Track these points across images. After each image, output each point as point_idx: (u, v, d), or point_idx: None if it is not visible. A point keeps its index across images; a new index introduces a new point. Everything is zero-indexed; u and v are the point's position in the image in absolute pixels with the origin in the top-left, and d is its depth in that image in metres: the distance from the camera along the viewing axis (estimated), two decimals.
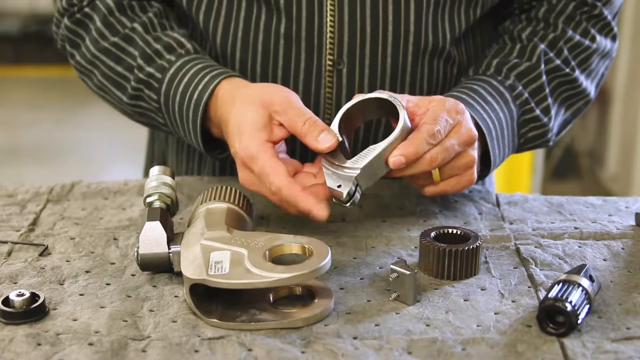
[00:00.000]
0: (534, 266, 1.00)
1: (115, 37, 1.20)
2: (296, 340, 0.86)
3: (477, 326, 0.88)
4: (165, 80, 1.16)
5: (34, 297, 0.89)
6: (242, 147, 1.03)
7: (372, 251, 1.05)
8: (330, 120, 1.17)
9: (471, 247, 0.97)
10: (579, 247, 1.05)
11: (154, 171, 1.04)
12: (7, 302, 0.88)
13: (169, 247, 0.96)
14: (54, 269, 0.99)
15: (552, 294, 0.86)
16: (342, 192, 0.98)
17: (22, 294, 0.88)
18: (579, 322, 0.86)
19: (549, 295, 0.87)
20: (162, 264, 0.96)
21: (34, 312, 0.88)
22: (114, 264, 1.01)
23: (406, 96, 1.05)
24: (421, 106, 1.04)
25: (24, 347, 0.83)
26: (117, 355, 0.83)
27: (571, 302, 0.85)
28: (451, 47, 1.22)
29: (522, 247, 1.05)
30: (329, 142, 1.00)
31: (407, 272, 0.91)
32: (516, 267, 1.00)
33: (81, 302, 0.92)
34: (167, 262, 0.96)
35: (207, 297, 0.91)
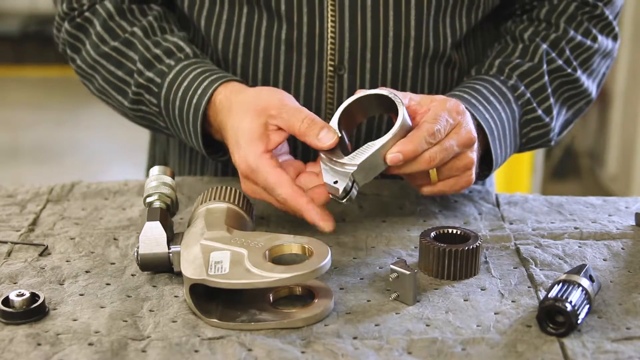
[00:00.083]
0: (534, 266, 1.00)
1: (115, 42, 1.20)
2: (296, 340, 0.85)
3: (477, 326, 0.88)
4: (165, 84, 1.16)
5: (34, 297, 0.89)
6: (241, 160, 1.03)
7: (372, 251, 1.05)
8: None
9: (471, 247, 0.97)
10: (579, 247, 1.05)
11: (154, 171, 1.04)
12: (7, 302, 0.88)
13: (169, 247, 0.96)
14: (54, 269, 0.99)
15: (552, 294, 0.86)
16: (339, 188, 0.98)
17: (22, 294, 0.88)
18: (579, 322, 0.86)
19: (549, 295, 0.87)
20: (162, 264, 0.96)
21: (34, 312, 0.88)
22: (114, 264, 1.01)
23: (408, 94, 1.05)
24: (423, 104, 1.04)
25: (24, 347, 0.83)
26: (117, 355, 0.83)
27: (571, 302, 0.85)
28: (452, 51, 1.22)
29: (522, 247, 1.05)
30: (330, 140, 1.00)
31: (407, 272, 0.91)
32: (516, 267, 1.00)
33: (81, 302, 0.92)
34: (167, 262, 0.96)
35: (207, 297, 0.91)
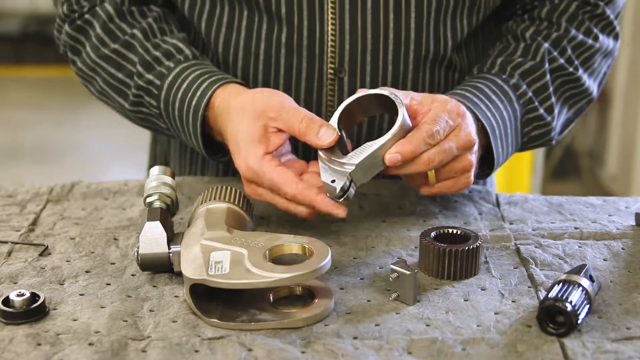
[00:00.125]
0: (534, 266, 1.00)
1: (115, 44, 1.20)
2: (296, 340, 0.85)
3: (477, 326, 0.88)
4: (164, 87, 1.16)
5: (34, 297, 0.89)
6: (243, 163, 1.03)
7: (372, 251, 1.05)
8: None
9: (471, 247, 0.97)
10: (579, 247, 1.05)
11: (154, 171, 1.04)
12: (7, 302, 0.88)
13: (169, 247, 0.96)
14: (54, 269, 0.99)
15: (552, 294, 0.86)
16: (336, 187, 0.98)
17: (22, 294, 0.88)
18: (579, 322, 0.86)
19: (549, 295, 0.86)
20: (162, 264, 0.96)
21: (34, 312, 0.88)
22: (114, 264, 1.01)
23: (410, 93, 1.05)
24: (424, 104, 1.04)
25: (24, 347, 0.83)
26: (117, 355, 0.83)
27: (571, 302, 0.85)
28: (452, 53, 1.22)
29: (522, 247, 1.05)
30: (330, 138, 1.01)
31: (407, 272, 0.91)
32: (516, 267, 1.00)
33: (81, 302, 0.92)
34: (167, 262, 0.96)
35: (207, 297, 0.91)
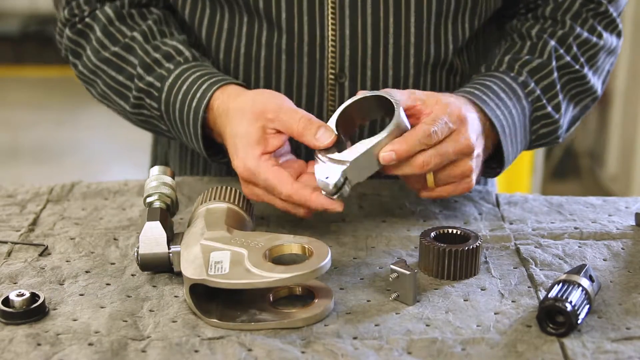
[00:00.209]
0: (534, 266, 1.00)
1: (115, 47, 1.20)
2: (296, 340, 0.85)
3: (477, 326, 0.88)
4: (165, 88, 1.16)
5: (34, 297, 0.89)
6: (240, 164, 1.03)
7: (372, 251, 1.05)
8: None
9: (471, 247, 0.97)
10: (579, 247, 1.05)
11: (154, 171, 1.04)
12: (7, 302, 0.88)
13: (169, 247, 0.96)
14: (54, 269, 0.99)
15: (552, 294, 0.86)
16: (329, 183, 0.98)
17: (22, 294, 0.88)
18: (579, 322, 0.86)
19: (549, 295, 0.86)
20: (162, 264, 0.96)
21: (34, 312, 0.88)
22: (114, 264, 1.01)
23: (414, 91, 1.05)
24: (428, 105, 1.04)
25: (24, 347, 0.83)
26: (117, 355, 0.83)
27: (571, 302, 0.85)
28: (454, 57, 1.22)
29: (522, 247, 1.04)
30: (328, 139, 1.01)
31: (407, 272, 0.91)
32: (516, 267, 1.00)
33: (81, 302, 0.92)
34: (167, 262, 0.96)
35: (207, 297, 0.91)
